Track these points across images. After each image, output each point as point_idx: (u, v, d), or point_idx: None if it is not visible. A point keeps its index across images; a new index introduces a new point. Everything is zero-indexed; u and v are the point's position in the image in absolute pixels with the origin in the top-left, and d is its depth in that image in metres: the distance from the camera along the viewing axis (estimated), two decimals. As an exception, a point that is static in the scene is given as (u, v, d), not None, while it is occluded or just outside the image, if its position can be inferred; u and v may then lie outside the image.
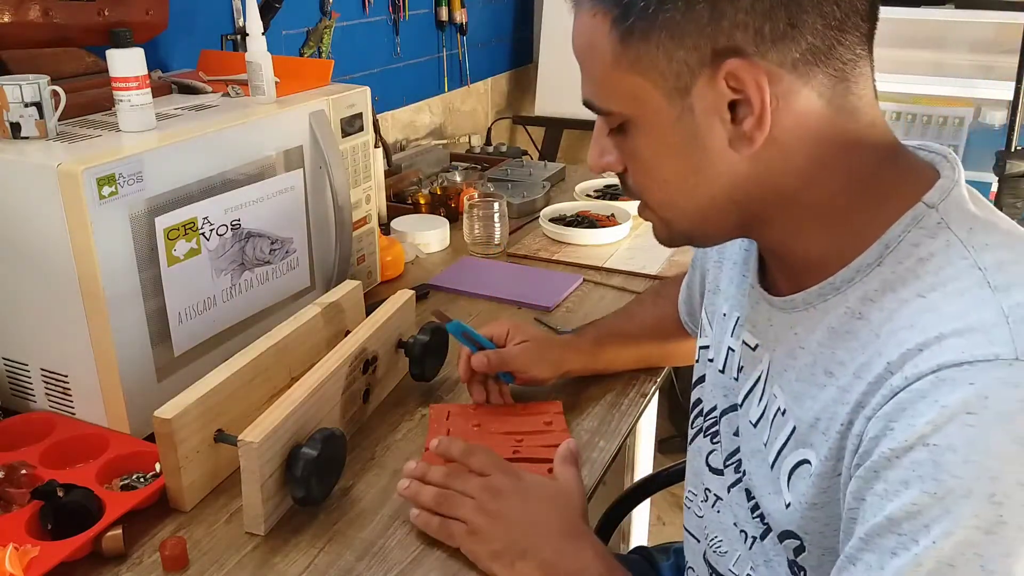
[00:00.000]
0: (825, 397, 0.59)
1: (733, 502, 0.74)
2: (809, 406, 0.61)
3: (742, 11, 0.54)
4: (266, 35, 1.10)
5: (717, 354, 0.79)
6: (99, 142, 0.91)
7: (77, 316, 0.87)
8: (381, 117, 1.94)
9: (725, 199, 0.61)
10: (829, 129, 0.58)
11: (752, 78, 0.55)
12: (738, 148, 0.58)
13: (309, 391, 0.85)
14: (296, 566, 0.78)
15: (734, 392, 0.74)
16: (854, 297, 0.59)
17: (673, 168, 0.61)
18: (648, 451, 1.79)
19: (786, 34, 0.55)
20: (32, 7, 1.00)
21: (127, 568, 0.77)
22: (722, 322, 0.79)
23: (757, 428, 0.69)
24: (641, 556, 1.12)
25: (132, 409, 0.91)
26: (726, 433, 0.76)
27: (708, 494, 0.79)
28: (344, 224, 1.16)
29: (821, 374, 0.60)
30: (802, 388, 0.62)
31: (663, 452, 2.37)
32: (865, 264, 0.59)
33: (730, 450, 0.75)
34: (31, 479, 0.84)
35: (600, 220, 1.62)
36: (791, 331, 0.64)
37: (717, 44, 0.55)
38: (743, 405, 0.72)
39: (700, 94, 0.57)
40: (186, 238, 0.94)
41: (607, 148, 0.65)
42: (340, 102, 1.16)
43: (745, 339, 0.72)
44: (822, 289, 0.61)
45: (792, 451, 0.62)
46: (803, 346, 0.63)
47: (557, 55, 2.41)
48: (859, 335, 0.58)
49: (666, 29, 0.56)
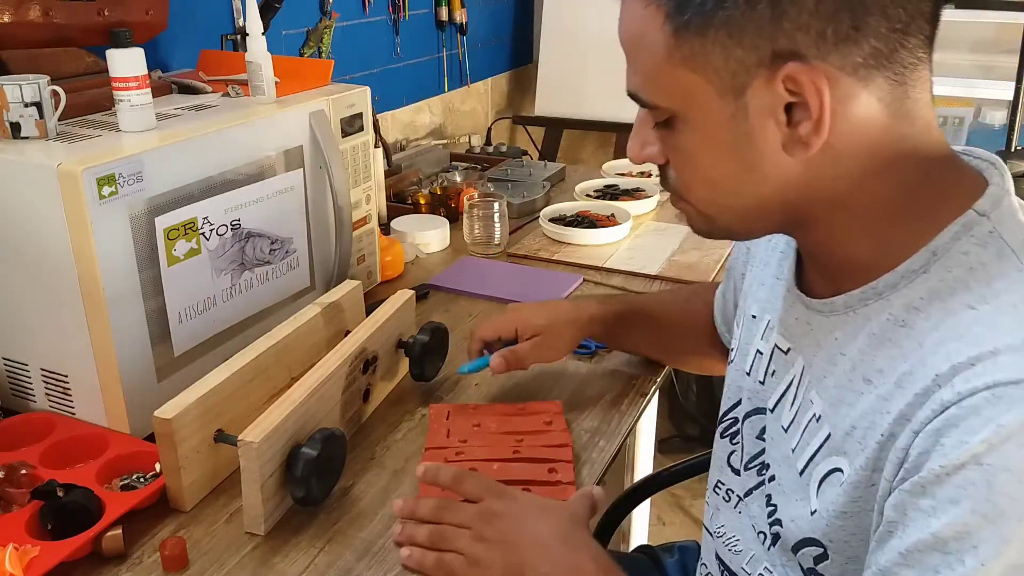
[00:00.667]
0: (863, 405, 0.58)
1: (753, 504, 0.73)
2: (846, 413, 0.59)
3: (805, 13, 0.53)
4: (266, 35, 1.10)
5: (742, 356, 0.78)
6: (99, 142, 0.91)
7: (77, 316, 0.87)
8: (381, 117, 1.94)
9: (773, 200, 0.60)
10: (885, 134, 0.57)
11: (812, 82, 0.54)
12: (792, 152, 0.57)
13: (309, 391, 0.85)
14: (296, 566, 0.78)
15: (760, 395, 0.73)
16: (898, 304, 0.58)
17: (722, 167, 0.60)
18: (648, 451, 1.80)
19: (849, 37, 0.53)
20: (32, 7, 1.00)
21: (127, 568, 0.77)
22: (750, 324, 0.78)
23: (787, 433, 0.67)
24: (645, 555, 1.12)
25: (132, 409, 0.91)
26: (748, 435, 0.75)
27: (731, 494, 0.78)
28: (344, 224, 1.16)
29: (860, 381, 0.59)
30: (840, 395, 0.61)
31: (663, 452, 2.37)
32: (911, 270, 0.58)
33: (752, 453, 0.74)
34: (31, 479, 0.84)
35: (600, 220, 1.62)
36: (831, 336, 0.63)
37: (777, 45, 0.54)
38: (774, 410, 0.70)
39: (755, 94, 0.56)
40: (186, 238, 0.94)
41: (649, 140, 0.64)
42: (340, 102, 1.16)
43: (777, 342, 0.71)
44: (864, 293, 0.60)
45: (825, 458, 0.61)
46: (844, 352, 0.61)
47: (557, 55, 2.41)
48: (901, 343, 0.57)
49: (724, 27, 0.54)
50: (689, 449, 2.51)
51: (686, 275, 1.41)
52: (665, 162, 0.64)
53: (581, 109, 2.40)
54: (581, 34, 2.35)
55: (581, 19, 2.34)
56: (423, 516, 0.78)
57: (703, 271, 1.42)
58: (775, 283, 0.74)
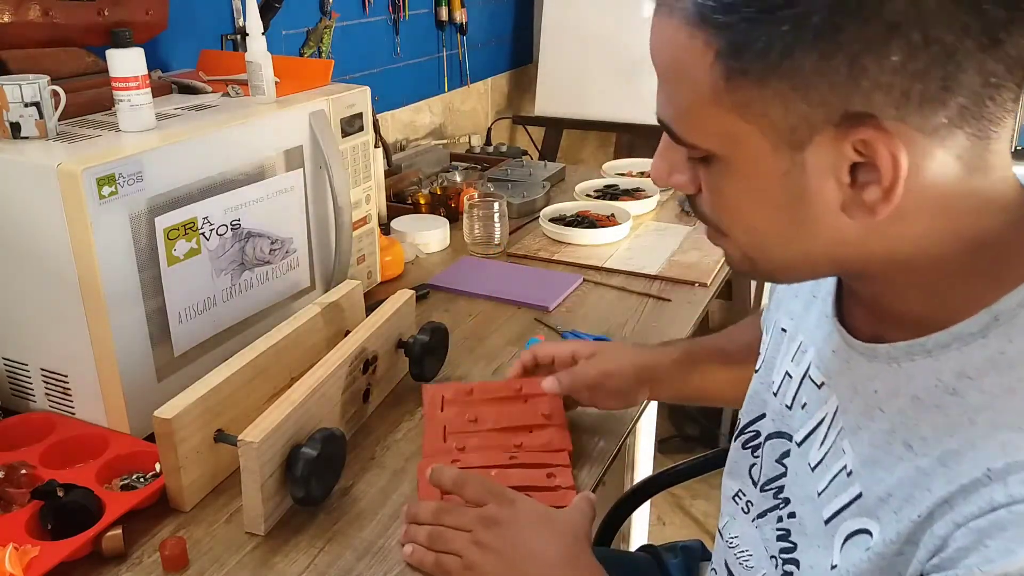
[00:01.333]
0: (900, 472, 0.53)
1: (766, 527, 0.70)
2: (881, 477, 0.55)
3: (889, 71, 0.45)
4: (266, 35, 1.10)
5: (768, 369, 0.75)
6: (99, 142, 0.91)
7: (77, 316, 0.87)
8: (381, 117, 1.94)
9: (822, 256, 0.55)
10: (957, 191, 0.50)
11: (887, 148, 0.47)
12: (853, 214, 0.51)
13: (309, 391, 0.85)
14: (296, 566, 0.78)
15: (786, 420, 0.70)
16: (948, 369, 0.52)
17: (767, 218, 0.54)
18: (648, 451, 1.80)
19: (936, 97, 0.46)
20: (32, 7, 1.00)
21: (127, 568, 0.77)
22: (779, 338, 0.74)
23: (815, 473, 0.63)
24: (649, 554, 1.12)
25: (132, 409, 0.91)
26: (768, 456, 0.72)
27: (750, 507, 0.75)
28: (344, 224, 1.16)
29: (899, 445, 0.54)
30: (875, 455, 0.56)
31: (663, 452, 2.37)
32: (967, 333, 0.52)
33: (771, 475, 0.71)
34: (31, 479, 0.84)
35: (600, 220, 1.62)
36: (870, 385, 0.58)
37: (851, 105, 0.47)
38: (802, 445, 0.66)
39: (817, 151, 0.49)
40: (186, 238, 0.94)
41: (679, 166, 0.58)
42: (340, 102, 1.16)
43: (811, 374, 0.66)
44: (911, 347, 0.55)
45: (854, 516, 0.57)
46: (883, 409, 0.57)
47: (557, 55, 2.41)
48: (949, 412, 0.52)
49: (789, 79, 0.47)
50: (689, 449, 2.51)
51: (686, 275, 1.41)
52: (697, 192, 0.58)
53: (581, 109, 2.40)
54: (581, 34, 2.35)
55: (581, 19, 2.34)
56: (423, 520, 0.78)
57: (703, 271, 1.42)
58: (811, 301, 0.70)
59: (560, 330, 1.23)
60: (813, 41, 0.46)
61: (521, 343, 1.20)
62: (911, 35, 0.44)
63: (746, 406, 0.79)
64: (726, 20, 0.48)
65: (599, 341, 1.02)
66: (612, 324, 1.26)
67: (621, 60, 2.32)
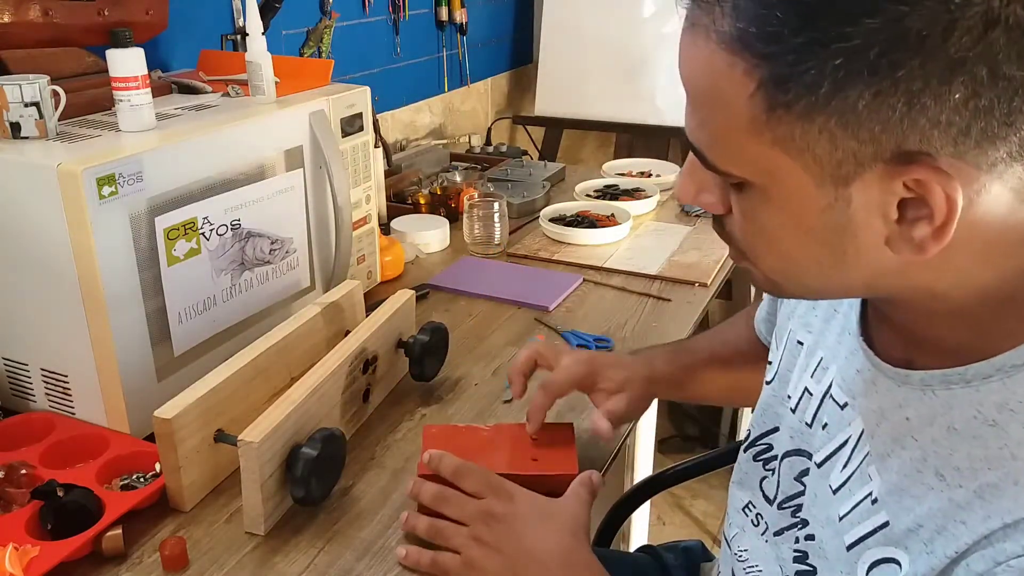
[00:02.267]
0: (932, 503, 0.52)
1: (783, 545, 0.69)
2: (909, 506, 0.53)
3: (949, 109, 0.43)
4: (266, 35, 1.10)
5: (782, 383, 0.73)
6: (99, 142, 0.91)
7: (77, 316, 0.87)
8: (381, 117, 1.94)
9: (859, 285, 0.53)
10: (1009, 223, 0.48)
11: (942, 188, 0.45)
12: (898, 250, 0.48)
13: (309, 391, 0.85)
14: (296, 566, 0.78)
15: (806, 439, 0.68)
16: (990, 401, 0.50)
17: (804, 249, 0.51)
18: (648, 451, 1.80)
19: (998, 133, 0.43)
20: (32, 7, 1.00)
21: (127, 568, 0.77)
22: (795, 350, 0.72)
23: (836, 496, 0.61)
24: (648, 554, 1.12)
25: (132, 409, 0.91)
26: (786, 474, 0.70)
27: (760, 520, 0.74)
28: (344, 224, 1.16)
29: (931, 475, 0.52)
30: (904, 484, 0.54)
31: (663, 452, 2.37)
32: (1010, 364, 0.50)
33: (789, 494, 0.69)
34: (31, 479, 0.84)
35: (600, 220, 1.62)
36: (901, 412, 0.56)
37: (906, 144, 0.44)
38: (822, 466, 0.64)
39: (864, 188, 0.47)
40: (186, 238, 0.94)
41: (707, 187, 0.55)
42: (340, 102, 1.16)
43: (834, 393, 0.64)
44: (947, 376, 0.52)
45: (879, 545, 0.55)
46: (916, 437, 0.54)
47: (557, 55, 2.41)
48: (988, 445, 0.50)
49: (839, 115, 0.44)
50: (689, 449, 2.51)
51: (686, 275, 1.41)
52: (726, 213, 0.55)
53: (581, 109, 2.40)
54: (581, 34, 2.35)
55: (581, 19, 2.34)
56: (424, 501, 0.78)
57: (703, 271, 1.42)
58: (832, 315, 0.67)
59: (560, 330, 1.23)
60: (868, 77, 0.43)
61: (521, 343, 1.20)
62: (977, 71, 0.42)
63: (757, 417, 0.78)
64: (771, 50, 0.44)
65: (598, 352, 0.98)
66: (612, 324, 1.26)
67: (621, 60, 2.32)
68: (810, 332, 0.70)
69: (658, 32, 2.29)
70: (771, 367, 0.77)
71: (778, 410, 0.73)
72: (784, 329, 0.75)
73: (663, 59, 2.29)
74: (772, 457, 0.74)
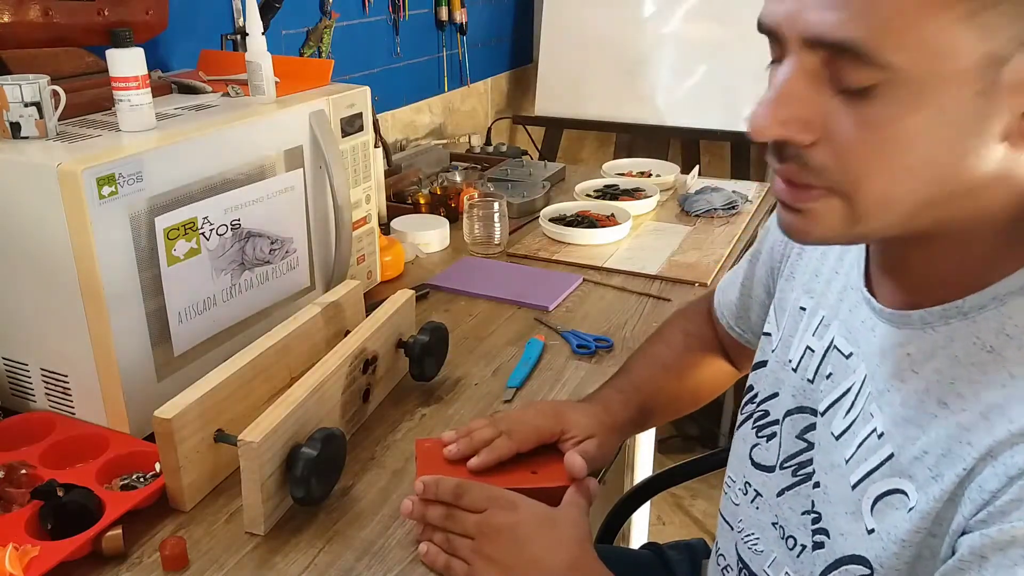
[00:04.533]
0: (937, 430, 0.53)
1: (784, 505, 0.69)
2: (914, 435, 0.55)
3: None
4: (266, 35, 1.10)
5: (785, 348, 0.74)
6: (99, 142, 0.91)
7: (77, 316, 0.87)
8: (381, 117, 1.94)
9: (942, 203, 0.51)
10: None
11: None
12: (1016, 144, 0.49)
13: (309, 391, 0.85)
14: (296, 566, 0.78)
15: (808, 394, 0.69)
16: (987, 327, 0.52)
17: (930, 156, 0.49)
18: (648, 451, 1.80)
19: None
20: (32, 7, 1.00)
21: (127, 568, 0.77)
22: (797, 316, 0.73)
23: (839, 441, 0.63)
24: (652, 552, 1.12)
25: (132, 409, 0.91)
26: (788, 434, 0.71)
27: (748, 487, 0.75)
28: (344, 224, 1.16)
29: (933, 403, 0.54)
30: (907, 414, 0.56)
31: (663, 452, 2.37)
32: (1004, 292, 0.52)
33: (791, 452, 0.70)
34: (31, 479, 0.84)
35: (600, 220, 1.62)
36: (902, 350, 0.58)
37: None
38: (825, 414, 0.66)
39: (1014, 68, 0.46)
40: (186, 238, 0.94)
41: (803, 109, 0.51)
42: (340, 102, 1.16)
43: (838, 344, 0.66)
44: (946, 311, 0.55)
45: (885, 478, 0.57)
46: (916, 370, 0.56)
47: (557, 55, 2.41)
48: (987, 370, 0.52)
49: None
50: (689, 449, 2.51)
51: (686, 275, 1.41)
52: (812, 142, 0.51)
53: (581, 109, 2.40)
54: (581, 34, 2.35)
55: (581, 19, 2.34)
56: (431, 521, 0.78)
57: (703, 271, 1.42)
58: (833, 276, 0.69)
59: (560, 330, 1.23)
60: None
61: (521, 343, 1.20)
62: None
63: (757, 388, 0.79)
64: None
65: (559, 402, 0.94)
66: (612, 324, 1.26)
67: (621, 60, 2.32)
68: (811, 297, 0.72)
69: (658, 32, 2.29)
70: (771, 339, 0.78)
71: (779, 375, 0.75)
72: (787, 299, 0.77)
73: (663, 59, 2.29)
74: (771, 423, 0.74)
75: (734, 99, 2.21)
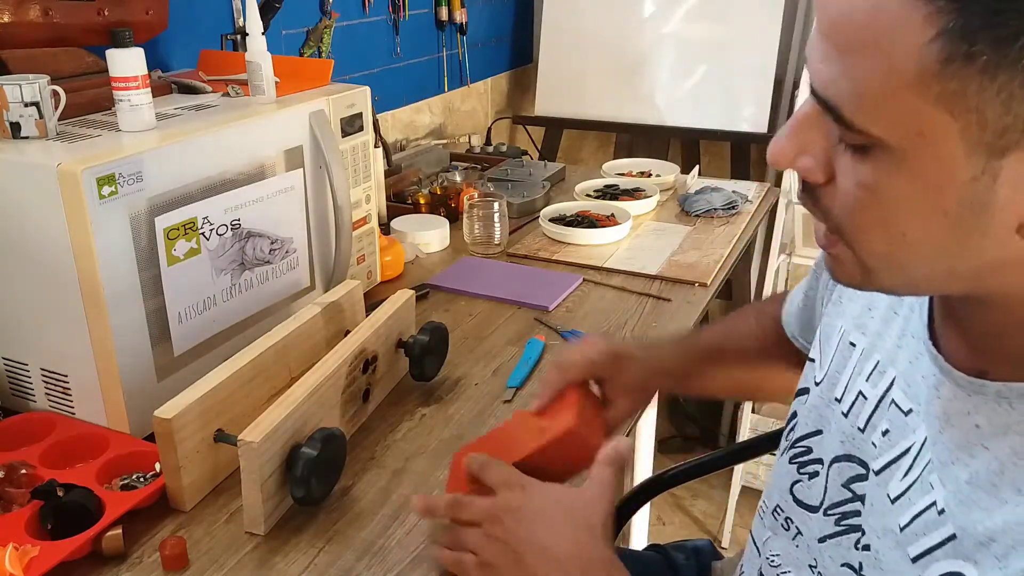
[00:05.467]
0: (1007, 516, 0.49)
1: (825, 554, 0.66)
2: (980, 519, 0.50)
3: None
4: (266, 35, 1.10)
5: (831, 384, 0.70)
6: (99, 142, 0.91)
7: (77, 316, 0.87)
8: (381, 117, 1.94)
9: (967, 276, 0.48)
10: None
11: None
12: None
13: (309, 391, 0.85)
14: (296, 566, 0.78)
15: (858, 445, 0.65)
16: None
17: (925, 227, 0.46)
18: (648, 451, 1.80)
19: None
20: (32, 7, 1.00)
21: (127, 568, 0.77)
22: (846, 351, 0.69)
23: (895, 506, 0.58)
24: (657, 553, 1.12)
25: (132, 409, 0.91)
26: (834, 480, 0.67)
27: (790, 523, 0.72)
28: (344, 224, 1.16)
29: (1008, 488, 0.49)
30: (975, 496, 0.51)
31: (663, 452, 2.37)
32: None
33: (836, 499, 0.66)
34: (31, 479, 0.84)
35: (600, 220, 1.62)
36: (970, 419, 0.53)
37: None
38: (881, 473, 0.61)
39: (1019, 162, 0.42)
40: (186, 238, 0.94)
41: (812, 148, 0.49)
42: (340, 102, 1.16)
43: (896, 399, 0.61)
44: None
45: (947, 558, 0.52)
46: (987, 446, 0.51)
47: (557, 55, 2.41)
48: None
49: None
50: (689, 449, 2.51)
51: (686, 275, 1.41)
52: (825, 182, 0.50)
53: (581, 109, 2.40)
54: (581, 34, 2.35)
55: (581, 19, 2.34)
56: (439, 514, 0.76)
57: (703, 271, 1.42)
58: (891, 317, 0.64)
59: (560, 330, 1.23)
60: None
61: (521, 343, 1.20)
62: None
63: (799, 419, 0.75)
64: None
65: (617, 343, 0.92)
66: (612, 324, 1.26)
67: (621, 60, 2.32)
68: (864, 334, 0.67)
69: (658, 32, 2.29)
70: (815, 367, 0.74)
71: (824, 412, 0.70)
72: (833, 328, 0.72)
73: (663, 59, 2.29)
74: (813, 460, 0.71)
75: (734, 99, 2.21)
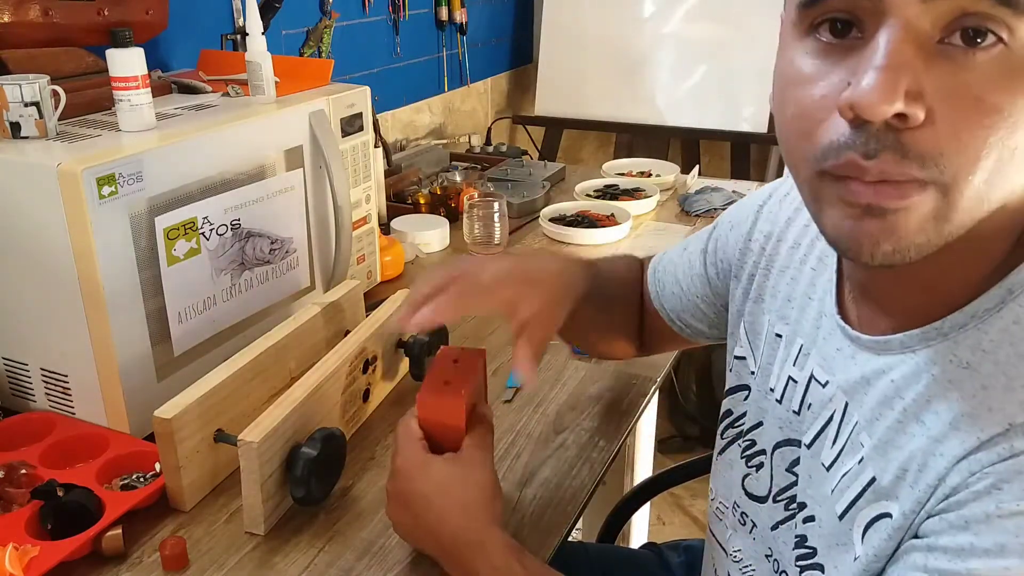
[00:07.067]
0: (912, 447, 0.53)
1: (779, 539, 0.68)
2: (894, 456, 0.54)
3: None
4: (266, 35, 1.10)
5: (765, 376, 0.72)
6: (99, 142, 0.91)
7: (77, 316, 0.87)
8: (381, 117, 1.94)
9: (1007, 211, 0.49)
10: None
11: None
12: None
13: (309, 391, 0.85)
14: (296, 566, 0.78)
15: (795, 427, 0.68)
16: (964, 346, 0.52)
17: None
18: (648, 451, 1.79)
19: None
20: (32, 7, 1.00)
21: (127, 568, 0.77)
22: (773, 343, 0.72)
23: (830, 472, 0.61)
24: (652, 552, 1.12)
25: (132, 409, 0.91)
26: (778, 466, 0.70)
27: (745, 518, 0.74)
28: (344, 224, 1.16)
29: (913, 422, 0.54)
30: (889, 436, 0.55)
31: (663, 452, 2.37)
32: (983, 309, 0.51)
33: (782, 485, 0.69)
34: (31, 479, 0.84)
35: (600, 220, 1.62)
36: (886, 377, 0.57)
37: None
38: (812, 445, 0.64)
39: None
40: (186, 238, 0.94)
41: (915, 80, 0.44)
42: (340, 102, 1.16)
43: (814, 374, 0.65)
44: (926, 333, 0.54)
45: (870, 503, 0.56)
46: (902, 396, 0.55)
47: (557, 55, 2.41)
48: (961, 385, 0.51)
49: None
50: (689, 449, 2.51)
51: (686, 275, 1.41)
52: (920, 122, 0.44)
53: (581, 109, 2.40)
54: (581, 34, 2.35)
55: (581, 19, 2.34)
56: None
57: (703, 271, 1.42)
58: (807, 303, 0.68)
59: (560, 330, 1.23)
60: None
61: (521, 343, 1.19)
62: None
63: (737, 414, 0.77)
64: None
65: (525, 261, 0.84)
66: (612, 324, 1.26)
67: (621, 60, 2.32)
68: (787, 324, 0.71)
69: (658, 32, 2.29)
70: (747, 363, 0.76)
71: (762, 404, 0.73)
72: (761, 324, 0.75)
73: (663, 59, 2.29)
74: (758, 452, 0.73)
75: (734, 99, 2.21)
